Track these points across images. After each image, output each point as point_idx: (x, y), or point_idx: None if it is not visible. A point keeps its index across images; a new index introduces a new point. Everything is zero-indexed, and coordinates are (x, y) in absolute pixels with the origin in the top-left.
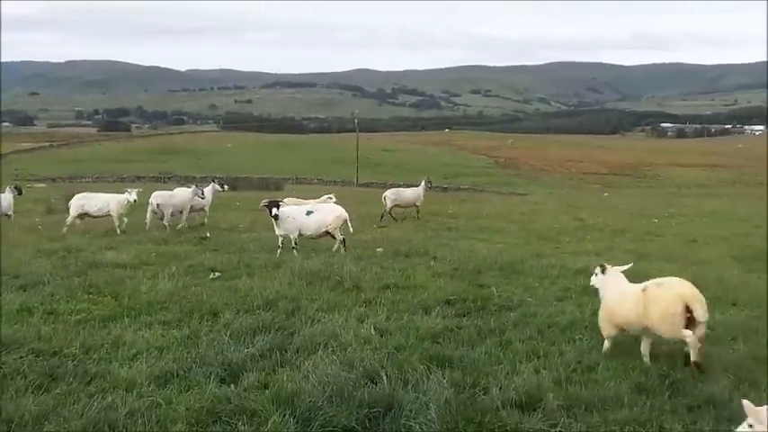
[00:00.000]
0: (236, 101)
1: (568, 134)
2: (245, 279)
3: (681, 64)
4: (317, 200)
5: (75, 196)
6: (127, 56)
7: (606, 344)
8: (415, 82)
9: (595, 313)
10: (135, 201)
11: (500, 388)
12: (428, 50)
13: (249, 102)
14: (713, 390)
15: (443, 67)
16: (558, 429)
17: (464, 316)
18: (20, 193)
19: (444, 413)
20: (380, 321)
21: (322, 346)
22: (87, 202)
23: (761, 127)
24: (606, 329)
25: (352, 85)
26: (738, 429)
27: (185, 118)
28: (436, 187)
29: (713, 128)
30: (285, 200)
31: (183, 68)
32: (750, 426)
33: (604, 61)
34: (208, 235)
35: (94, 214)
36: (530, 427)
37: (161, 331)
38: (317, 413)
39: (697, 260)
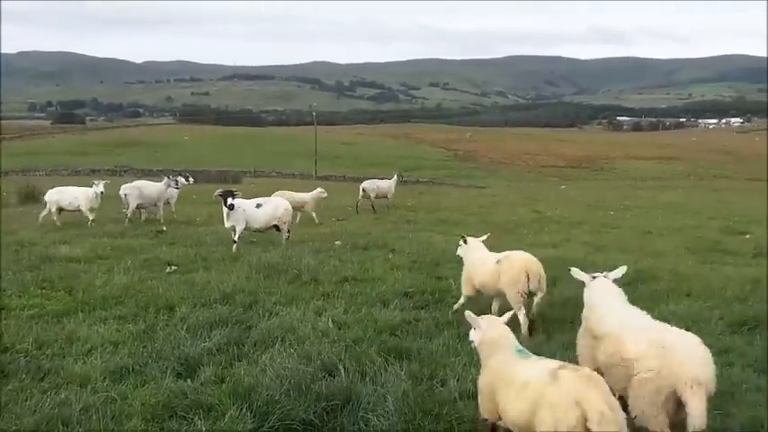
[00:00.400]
0: (193, 93)
1: (526, 127)
2: (202, 273)
3: (637, 58)
4: (310, 193)
5: (50, 191)
6: (81, 47)
7: (461, 300)
8: (374, 75)
9: (553, 304)
10: (102, 193)
11: (458, 379)
12: (387, 43)
13: (206, 94)
14: None
15: (402, 59)
16: None
17: (422, 308)
18: None
19: (402, 405)
20: (338, 314)
21: (279, 339)
22: (61, 196)
23: (714, 120)
24: (466, 290)
25: (310, 77)
26: (470, 336)
27: (141, 110)
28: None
29: (668, 121)
30: (277, 193)
31: (139, 60)
32: (474, 330)
33: (562, 55)
34: (164, 228)
35: (67, 208)
36: None
37: (116, 326)
38: (275, 407)
39: (652, 251)
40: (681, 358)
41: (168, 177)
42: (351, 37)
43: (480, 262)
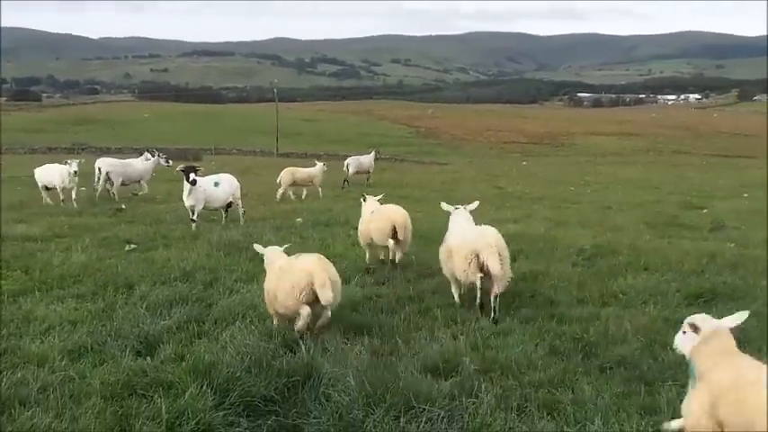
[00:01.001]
0: (151, 69)
1: (488, 104)
2: (162, 251)
3: (597, 34)
4: (315, 167)
5: (36, 169)
6: (37, 23)
7: (367, 255)
8: (335, 51)
9: (512, 278)
10: (76, 172)
11: (417, 354)
12: (348, 19)
13: (165, 71)
14: (624, 351)
15: (363, 36)
16: (474, 392)
17: (383, 284)
18: None
19: (362, 380)
20: None
21: (240, 316)
22: (43, 174)
23: (673, 96)
24: (362, 240)
25: (270, 54)
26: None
27: (99, 87)
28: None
29: (628, 97)
30: (285, 169)
31: (95, 36)
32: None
33: (523, 31)
34: (123, 207)
35: (49, 187)
36: (446, 391)
37: (74, 305)
38: (236, 384)
39: (611, 226)
40: (481, 236)
41: (158, 155)
42: (311, 13)
43: (363, 216)
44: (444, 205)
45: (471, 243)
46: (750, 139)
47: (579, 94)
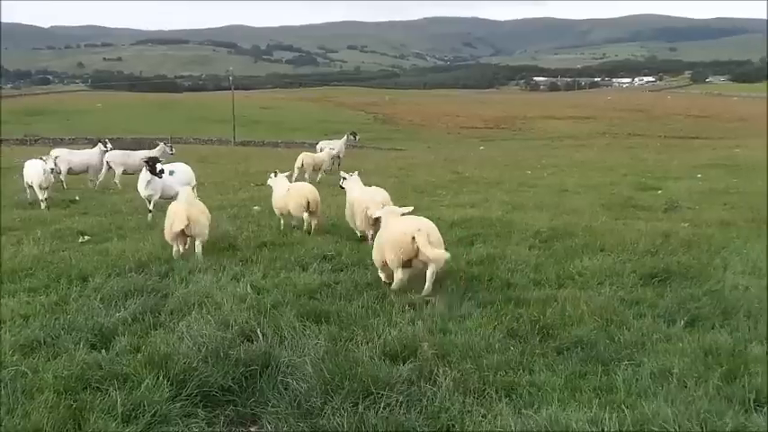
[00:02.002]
0: (104, 59)
1: (445, 89)
2: (117, 242)
3: (552, 18)
4: (324, 152)
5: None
6: None
7: (282, 223)
8: (291, 38)
9: (470, 262)
10: (53, 169)
11: (375, 340)
12: (304, 6)
13: (119, 59)
14: (581, 332)
15: (319, 22)
16: (432, 376)
17: (341, 271)
18: None
19: (320, 368)
20: (257, 279)
21: (197, 306)
22: (25, 171)
23: (627, 80)
24: (278, 211)
25: (226, 41)
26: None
27: (51, 77)
28: (315, 143)
29: (583, 81)
30: (301, 155)
31: (46, 25)
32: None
33: (478, 16)
34: (77, 198)
35: (29, 185)
36: (405, 376)
37: (26, 298)
38: (192, 374)
39: (568, 209)
40: (373, 196)
41: (163, 143)
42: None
43: (279, 191)
44: (342, 173)
45: (367, 200)
46: (702, 120)
47: (536, 79)
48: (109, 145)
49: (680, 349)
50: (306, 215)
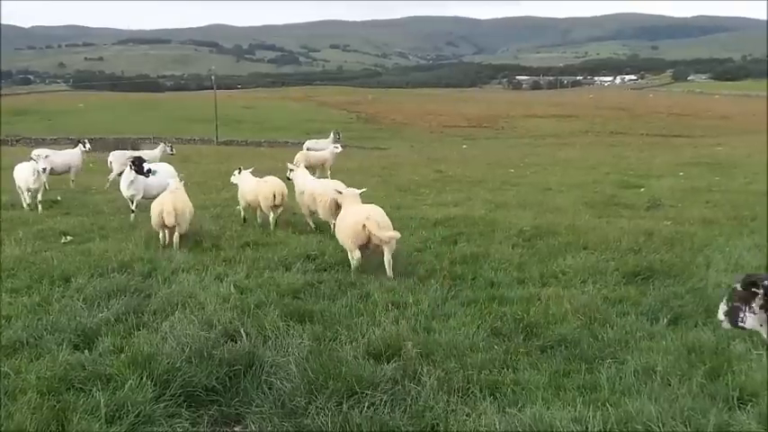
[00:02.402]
0: (86, 58)
1: (428, 88)
2: (99, 242)
3: (534, 17)
4: (327, 150)
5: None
6: None
7: (243, 214)
8: (273, 37)
9: (453, 261)
10: (45, 169)
11: (359, 339)
12: (286, 5)
13: (100, 59)
14: (564, 330)
15: (301, 21)
16: (417, 375)
17: (325, 270)
18: None
19: (304, 367)
20: (240, 279)
21: (180, 306)
22: (15, 173)
23: (609, 78)
24: (241, 203)
25: (208, 41)
26: None
27: (32, 77)
28: (298, 143)
29: (565, 79)
30: (299, 154)
31: (26, 25)
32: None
33: (460, 15)
34: (59, 198)
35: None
36: (389, 375)
37: (8, 299)
38: (176, 374)
39: (551, 207)
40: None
41: (164, 143)
42: None
43: (248, 185)
44: (289, 164)
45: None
46: (684, 118)
47: (518, 77)
48: (88, 145)
49: (663, 347)
50: (272, 210)
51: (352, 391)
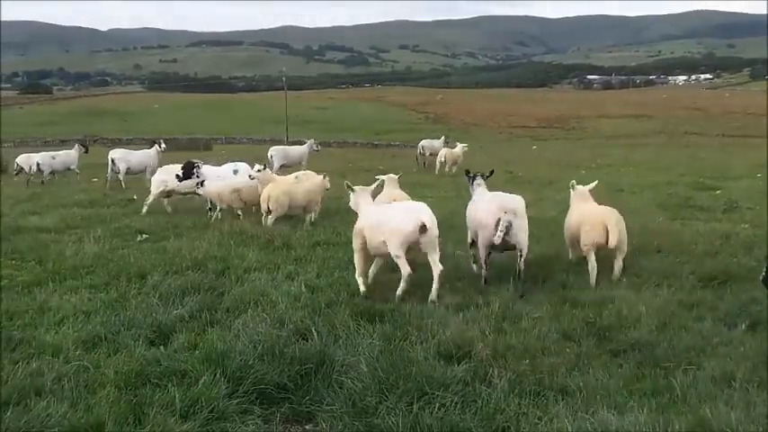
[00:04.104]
0: (160, 60)
1: (497, 88)
2: (174, 240)
3: (606, 16)
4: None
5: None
6: (47, 16)
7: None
8: (343, 38)
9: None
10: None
11: (429, 340)
12: (355, 6)
13: (174, 61)
14: (638, 335)
15: (371, 22)
16: (487, 377)
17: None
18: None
19: (374, 366)
20: (311, 279)
21: (252, 304)
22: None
23: (684, 77)
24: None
25: (278, 42)
26: None
27: (109, 79)
28: (367, 144)
29: (638, 79)
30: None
31: (104, 28)
32: None
33: (531, 14)
34: (134, 197)
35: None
36: (459, 376)
37: (88, 295)
38: (249, 371)
39: (623, 209)
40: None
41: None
42: None
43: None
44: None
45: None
46: (762, 118)
47: (589, 77)
48: (163, 145)
49: (742, 354)
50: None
51: (422, 391)
